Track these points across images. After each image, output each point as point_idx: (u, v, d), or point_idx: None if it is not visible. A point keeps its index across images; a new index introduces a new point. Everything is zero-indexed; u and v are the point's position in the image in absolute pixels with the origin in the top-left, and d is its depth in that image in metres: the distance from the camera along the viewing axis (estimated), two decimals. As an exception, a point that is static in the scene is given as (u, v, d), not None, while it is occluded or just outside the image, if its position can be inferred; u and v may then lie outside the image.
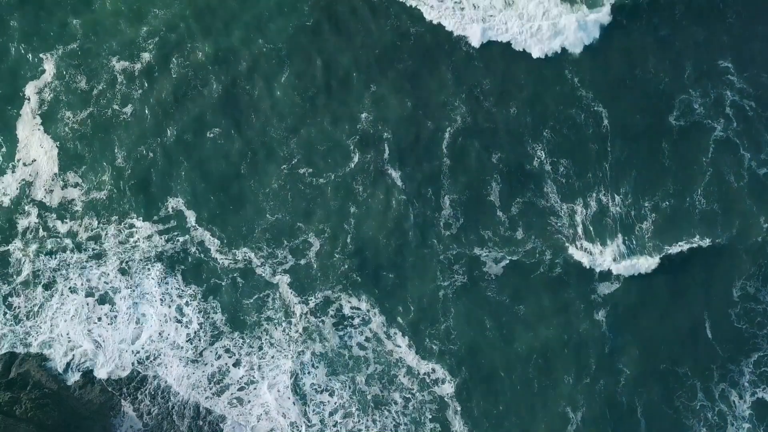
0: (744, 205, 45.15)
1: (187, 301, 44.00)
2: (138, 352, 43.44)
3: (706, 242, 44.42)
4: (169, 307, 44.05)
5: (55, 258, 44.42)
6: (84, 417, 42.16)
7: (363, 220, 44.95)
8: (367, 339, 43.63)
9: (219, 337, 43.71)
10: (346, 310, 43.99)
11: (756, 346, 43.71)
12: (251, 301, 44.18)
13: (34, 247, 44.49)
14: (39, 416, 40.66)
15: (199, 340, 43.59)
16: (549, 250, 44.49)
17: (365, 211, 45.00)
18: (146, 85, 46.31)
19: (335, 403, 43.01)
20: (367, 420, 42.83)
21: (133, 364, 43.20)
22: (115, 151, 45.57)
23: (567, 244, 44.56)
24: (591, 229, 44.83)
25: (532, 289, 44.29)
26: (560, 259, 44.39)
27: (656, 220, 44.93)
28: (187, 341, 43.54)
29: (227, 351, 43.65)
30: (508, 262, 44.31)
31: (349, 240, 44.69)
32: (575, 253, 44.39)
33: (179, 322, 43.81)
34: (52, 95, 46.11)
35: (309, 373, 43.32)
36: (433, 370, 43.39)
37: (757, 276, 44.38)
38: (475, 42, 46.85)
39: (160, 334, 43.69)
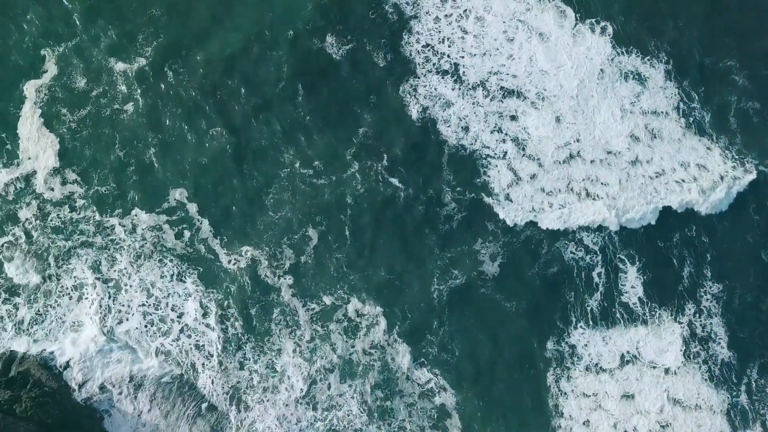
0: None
1: (191, 304, 44.14)
2: (142, 353, 43.67)
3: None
4: (172, 309, 44.22)
5: (58, 252, 44.47)
6: (84, 416, 42.15)
7: (360, 218, 45.25)
8: (371, 346, 43.79)
9: (226, 342, 43.76)
10: (351, 316, 44.10)
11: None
12: (255, 306, 44.20)
13: (35, 238, 44.51)
14: (39, 415, 40.57)
15: (207, 345, 43.65)
16: (545, 240, 44.80)
17: (362, 210, 45.30)
18: (145, 86, 46.44)
19: (341, 408, 43.19)
20: (372, 423, 43.03)
21: (136, 364, 43.40)
22: (116, 147, 45.60)
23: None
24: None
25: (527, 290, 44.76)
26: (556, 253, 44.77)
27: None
28: (195, 346, 43.67)
29: (235, 355, 43.70)
30: (504, 261, 44.52)
31: (348, 241, 44.96)
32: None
33: (184, 325, 44.04)
34: (52, 93, 46.11)
35: (317, 380, 43.51)
36: (432, 378, 43.67)
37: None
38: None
39: (166, 338, 43.89)
